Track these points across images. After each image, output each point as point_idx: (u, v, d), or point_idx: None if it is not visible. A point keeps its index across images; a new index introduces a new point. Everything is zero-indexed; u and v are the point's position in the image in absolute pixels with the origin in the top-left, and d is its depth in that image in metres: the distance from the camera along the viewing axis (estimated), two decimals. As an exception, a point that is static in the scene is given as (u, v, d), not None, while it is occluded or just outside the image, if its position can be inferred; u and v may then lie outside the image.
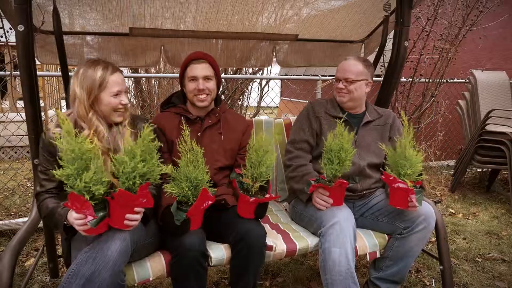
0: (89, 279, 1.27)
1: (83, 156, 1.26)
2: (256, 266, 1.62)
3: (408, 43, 2.04)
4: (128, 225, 1.38)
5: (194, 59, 1.82)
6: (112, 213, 1.36)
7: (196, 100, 1.81)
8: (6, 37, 2.39)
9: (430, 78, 3.96)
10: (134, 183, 1.32)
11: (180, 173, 1.47)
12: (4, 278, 1.31)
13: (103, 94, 1.51)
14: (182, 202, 1.50)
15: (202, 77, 1.79)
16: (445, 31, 3.89)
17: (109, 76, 1.51)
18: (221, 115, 1.89)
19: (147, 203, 1.39)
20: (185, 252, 1.49)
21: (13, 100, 5.34)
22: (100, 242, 1.34)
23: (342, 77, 1.92)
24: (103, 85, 1.49)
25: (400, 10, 1.99)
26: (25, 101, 1.59)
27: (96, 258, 1.30)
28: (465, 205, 3.62)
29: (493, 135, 3.51)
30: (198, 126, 1.85)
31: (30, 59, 1.54)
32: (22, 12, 1.46)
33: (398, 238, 1.79)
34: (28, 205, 3.25)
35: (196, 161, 1.49)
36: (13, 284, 1.43)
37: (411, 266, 1.85)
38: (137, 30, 2.07)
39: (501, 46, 5.39)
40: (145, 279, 1.53)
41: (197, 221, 1.54)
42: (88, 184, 1.25)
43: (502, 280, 2.28)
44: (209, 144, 1.81)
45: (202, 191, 1.47)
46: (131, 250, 1.41)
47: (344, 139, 1.67)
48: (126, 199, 1.34)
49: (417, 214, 1.75)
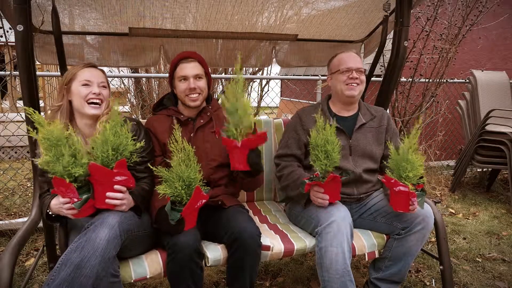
0: (78, 266, 1.29)
1: (58, 142, 1.33)
2: (252, 266, 1.61)
3: (407, 43, 2.04)
4: (110, 204, 1.42)
5: (183, 58, 1.79)
6: (95, 194, 1.41)
7: (188, 100, 1.78)
8: (6, 37, 2.39)
9: (430, 78, 3.96)
10: (108, 156, 1.38)
11: (173, 173, 1.48)
12: (3, 278, 1.31)
13: (72, 85, 1.61)
14: (176, 202, 1.50)
15: (193, 76, 1.76)
16: (445, 31, 3.89)
17: (80, 70, 1.63)
18: (213, 113, 1.86)
19: (127, 182, 1.44)
20: (179, 250, 1.49)
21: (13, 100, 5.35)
22: (88, 231, 1.37)
23: (355, 67, 1.87)
24: (73, 77, 1.62)
25: (399, 10, 1.99)
26: (25, 101, 1.60)
27: (84, 246, 1.32)
28: (465, 205, 3.62)
29: (493, 135, 3.51)
30: (190, 127, 1.83)
31: (29, 59, 1.54)
32: (21, 12, 1.46)
33: (397, 239, 1.79)
34: (28, 205, 3.26)
35: (188, 160, 1.50)
36: (13, 284, 1.43)
37: (410, 266, 1.84)
38: (137, 30, 2.07)
39: (501, 46, 5.39)
40: (141, 276, 1.53)
41: (191, 220, 1.53)
42: (67, 168, 1.32)
43: (502, 280, 2.27)
44: (203, 144, 1.79)
45: (196, 190, 1.47)
46: (123, 239, 1.42)
47: (327, 132, 1.65)
48: (102, 175, 1.39)
49: (415, 215, 1.74)
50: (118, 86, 4.27)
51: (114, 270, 1.40)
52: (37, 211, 1.64)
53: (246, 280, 1.61)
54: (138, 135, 1.68)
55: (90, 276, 1.29)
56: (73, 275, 1.27)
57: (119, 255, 1.45)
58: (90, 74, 1.62)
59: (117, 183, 1.43)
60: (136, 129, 1.69)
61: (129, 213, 1.50)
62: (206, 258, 1.60)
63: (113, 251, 1.37)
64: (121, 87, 4.29)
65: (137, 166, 1.64)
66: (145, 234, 1.58)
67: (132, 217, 1.51)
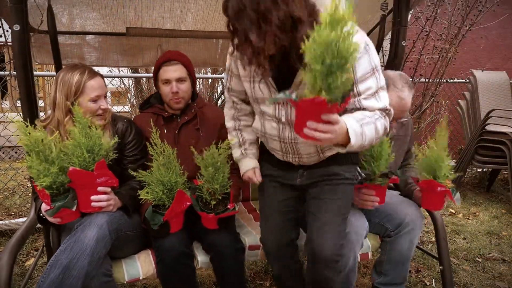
0: (67, 267, 1.28)
1: (35, 149, 1.30)
2: (235, 271, 1.61)
3: (405, 43, 2.04)
4: (96, 206, 1.41)
5: (166, 61, 1.76)
6: (79, 199, 1.39)
7: (172, 103, 1.78)
8: (5, 37, 2.39)
9: (430, 78, 3.96)
10: (84, 159, 1.35)
11: (153, 177, 1.45)
12: (2, 277, 1.31)
13: (81, 100, 1.53)
14: (160, 206, 1.49)
15: (175, 79, 1.74)
16: (445, 31, 3.88)
17: (87, 81, 1.53)
18: (198, 110, 1.85)
19: (110, 182, 1.42)
20: (165, 253, 1.49)
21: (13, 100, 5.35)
22: (77, 231, 1.37)
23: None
24: (79, 90, 1.52)
25: (397, 9, 1.99)
26: (22, 101, 1.59)
27: (73, 247, 1.32)
28: (465, 205, 3.62)
29: (493, 135, 3.50)
30: (175, 124, 1.82)
31: (26, 59, 1.53)
32: (17, 12, 1.46)
33: (389, 241, 1.80)
34: (28, 205, 3.26)
35: (169, 164, 1.47)
36: (13, 284, 1.43)
37: (409, 266, 1.85)
38: (134, 29, 2.07)
39: (501, 46, 5.38)
40: (134, 277, 1.53)
41: (177, 223, 1.51)
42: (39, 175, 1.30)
43: (502, 280, 2.27)
44: (188, 140, 1.78)
45: (178, 193, 1.44)
46: (113, 238, 1.41)
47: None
48: (82, 179, 1.36)
49: (403, 216, 1.74)
50: (118, 86, 4.27)
51: (106, 269, 1.40)
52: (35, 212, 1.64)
53: (234, 282, 1.62)
54: (129, 133, 1.67)
55: (79, 277, 1.28)
56: (61, 276, 1.27)
57: (110, 255, 1.44)
58: (98, 85, 1.56)
59: (100, 185, 1.40)
60: (127, 127, 1.67)
61: (118, 213, 1.49)
62: (196, 260, 1.61)
63: (103, 250, 1.37)
64: (121, 87, 4.28)
65: (129, 165, 1.64)
66: (136, 234, 1.57)
67: (122, 216, 1.50)
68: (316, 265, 1.47)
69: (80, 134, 1.36)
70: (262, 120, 1.46)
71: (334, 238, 1.44)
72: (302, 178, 1.52)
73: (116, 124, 1.66)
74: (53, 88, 1.55)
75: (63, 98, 1.52)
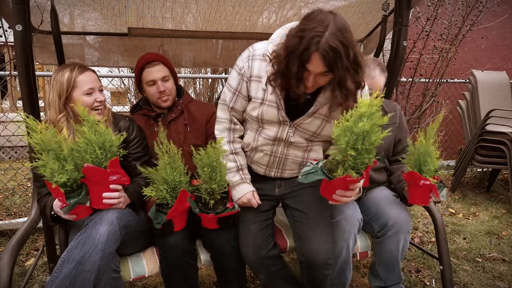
0: (80, 261, 1.30)
1: (47, 148, 1.31)
2: (234, 269, 1.63)
3: (407, 43, 2.04)
4: (107, 203, 1.42)
5: (147, 62, 1.82)
6: (91, 195, 1.40)
7: (160, 102, 1.84)
8: (6, 37, 2.39)
9: (430, 78, 3.96)
10: (97, 156, 1.36)
11: (158, 176, 1.47)
12: (3, 278, 1.31)
13: (74, 94, 1.55)
14: (163, 205, 1.50)
15: (160, 79, 1.81)
16: (445, 31, 3.88)
17: (77, 76, 1.55)
18: (183, 106, 1.90)
19: (122, 180, 1.44)
20: (169, 251, 1.51)
21: (13, 100, 5.35)
22: (88, 227, 1.38)
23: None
24: (71, 85, 1.54)
25: (398, 9, 1.99)
26: (24, 101, 1.59)
27: (85, 242, 1.33)
28: (465, 205, 3.62)
29: (493, 135, 3.51)
30: (163, 122, 1.87)
31: (29, 59, 1.54)
32: (20, 12, 1.46)
33: (378, 243, 1.80)
34: (28, 205, 3.26)
35: (173, 163, 1.48)
36: (14, 284, 1.43)
37: (401, 266, 1.84)
38: (136, 30, 2.07)
39: (501, 46, 5.38)
40: (140, 275, 1.55)
41: (181, 221, 1.53)
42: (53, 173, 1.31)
43: (502, 280, 2.27)
44: (176, 136, 1.84)
45: (181, 193, 1.46)
46: (122, 234, 1.43)
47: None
48: (96, 175, 1.38)
49: (387, 219, 1.73)
50: (118, 86, 4.27)
51: (115, 265, 1.42)
52: (36, 211, 1.64)
53: (233, 281, 1.64)
54: (132, 130, 1.70)
55: (92, 272, 1.30)
56: (75, 271, 1.28)
57: (117, 251, 1.45)
58: (89, 79, 1.58)
59: (112, 182, 1.43)
60: (129, 125, 1.70)
61: (127, 209, 1.52)
62: (199, 259, 1.62)
63: (114, 246, 1.39)
64: (121, 87, 4.28)
65: (133, 162, 1.66)
66: (143, 230, 1.59)
67: (130, 213, 1.53)
68: (311, 270, 1.58)
69: (90, 131, 1.38)
70: (256, 135, 1.54)
71: (324, 243, 1.55)
72: (280, 188, 1.64)
73: (118, 123, 1.68)
74: (48, 91, 1.58)
75: (56, 97, 1.55)
